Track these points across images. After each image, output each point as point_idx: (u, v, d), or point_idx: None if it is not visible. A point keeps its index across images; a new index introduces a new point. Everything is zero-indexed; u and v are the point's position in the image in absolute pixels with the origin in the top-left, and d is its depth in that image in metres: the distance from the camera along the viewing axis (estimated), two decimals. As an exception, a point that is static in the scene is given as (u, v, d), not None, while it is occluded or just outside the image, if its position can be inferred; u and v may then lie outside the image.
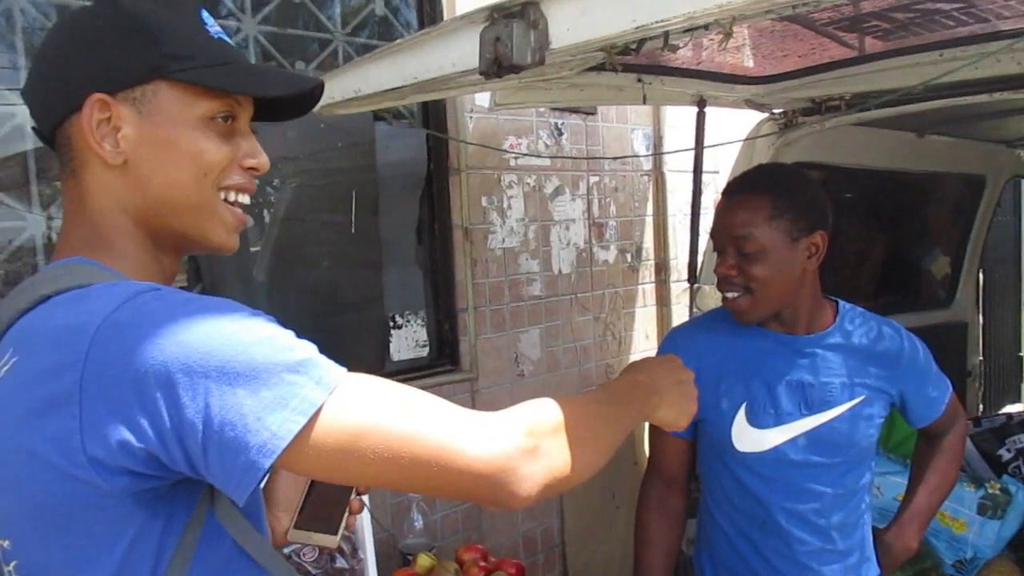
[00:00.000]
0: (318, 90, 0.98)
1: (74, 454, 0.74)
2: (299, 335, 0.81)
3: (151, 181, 0.88)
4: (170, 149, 0.88)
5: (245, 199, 0.96)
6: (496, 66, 1.24)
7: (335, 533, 1.08)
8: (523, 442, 0.84)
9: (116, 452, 0.74)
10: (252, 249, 2.58)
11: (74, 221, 0.91)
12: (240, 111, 0.93)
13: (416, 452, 0.79)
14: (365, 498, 1.16)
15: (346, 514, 1.09)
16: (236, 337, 0.75)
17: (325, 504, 1.09)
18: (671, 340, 1.86)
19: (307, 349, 0.79)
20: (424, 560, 2.24)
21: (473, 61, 1.31)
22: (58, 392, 0.74)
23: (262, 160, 0.95)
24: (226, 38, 0.95)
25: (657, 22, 1.11)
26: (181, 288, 0.97)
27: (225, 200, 0.93)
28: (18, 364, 0.79)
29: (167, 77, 0.87)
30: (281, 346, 0.77)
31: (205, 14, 0.94)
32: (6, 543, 0.81)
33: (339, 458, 0.77)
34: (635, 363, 1.20)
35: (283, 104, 0.97)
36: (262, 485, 0.91)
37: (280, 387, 0.74)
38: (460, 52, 1.36)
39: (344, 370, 0.80)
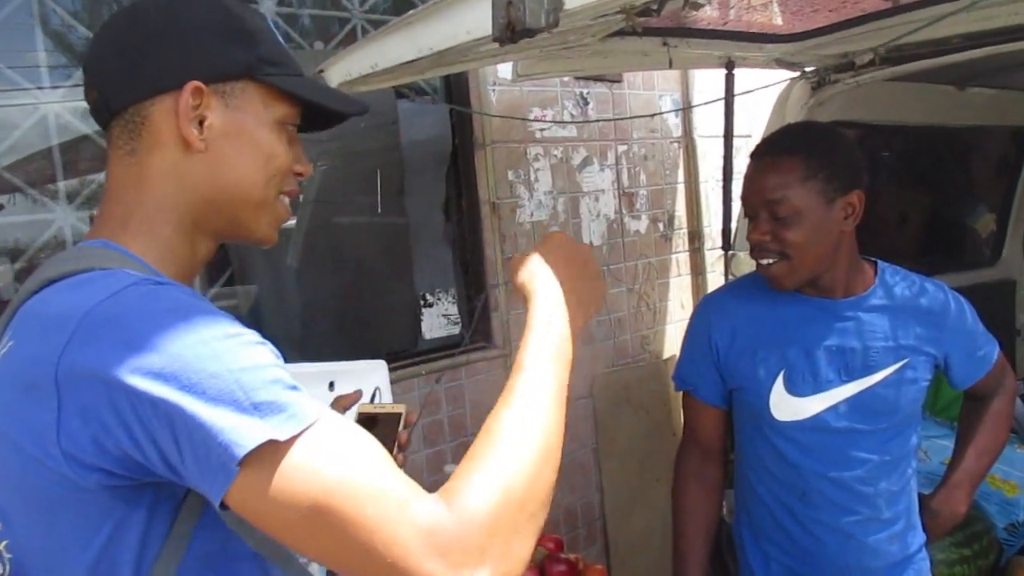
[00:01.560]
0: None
1: (49, 446, 0.74)
2: (317, 329, 0.77)
3: (226, 172, 0.91)
4: (250, 145, 0.92)
5: (287, 200, 1.00)
6: (510, 31, 1.19)
7: None
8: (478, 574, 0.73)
9: (90, 450, 0.73)
10: (295, 236, 2.58)
11: (117, 199, 0.92)
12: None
13: (359, 539, 0.71)
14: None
15: None
16: (200, 363, 0.72)
17: None
18: (703, 309, 1.82)
19: (274, 390, 0.73)
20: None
21: (487, 28, 1.27)
22: (37, 383, 0.74)
23: (308, 167, 1.00)
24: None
25: (674, -25, 1.06)
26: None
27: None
28: (12, 349, 0.79)
29: (258, 79, 0.92)
30: (243, 382, 0.72)
31: (270, 22, 0.97)
32: None
33: (285, 516, 0.72)
34: (540, 272, 1.02)
35: (317, 118, 1.01)
36: None
37: (222, 425, 0.70)
38: (474, 19, 1.32)
39: (317, 416, 0.74)
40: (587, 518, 3.14)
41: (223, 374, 0.72)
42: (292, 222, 2.62)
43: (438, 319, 2.77)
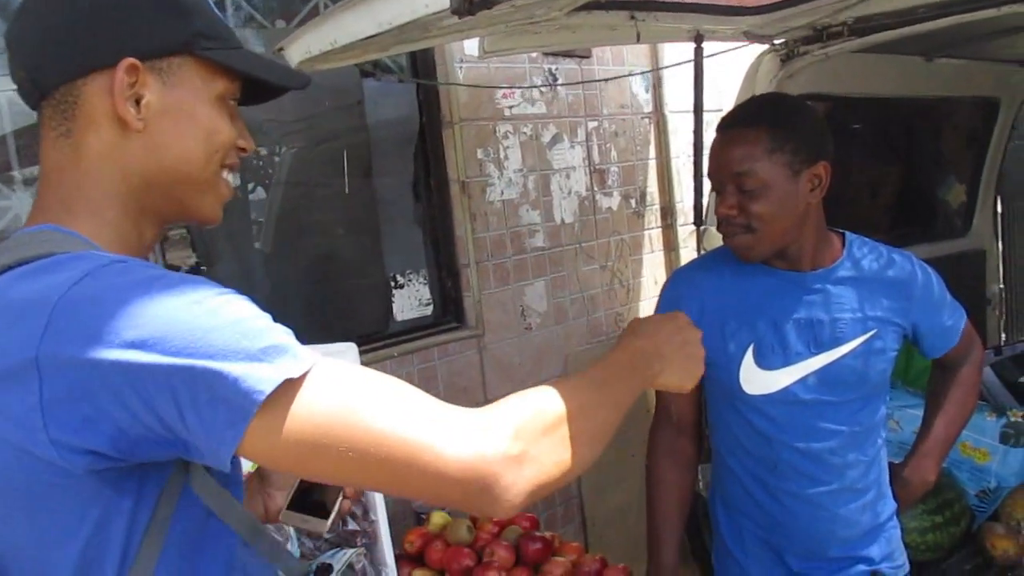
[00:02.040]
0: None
1: (35, 432, 0.72)
2: (287, 313, 0.78)
3: (166, 151, 0.88)
4: (189, 122, 0.89)
5: (232, 177, 0.97)
6: (468, 3, 1.18)
7: (327, 518, 1.06)
8: (509, 447, 0.78)
9: (80, 433, 0.72)
10: (259, 220, 2.56)
11: (55, 183, 0.88)
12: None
13: (388, 450, 0.74)
14: None
15: (340, 499, 1.07)
16: (197, 321, 0.72)
17: (321, 487, 1.06)
18: (673, 283, 1.81)
19: (275, 336, 0.75)
20: (438, 518, 2.23)
21: (445, 0, 1.25)
22: (16, 369, 0.72)
23: (251, 142, 0.97)
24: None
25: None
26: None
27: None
28: None
29: (195, 53, 0.88)
30: (243, 331, 0.73)
31: None
32: None
33: (303, 451, 0.74)
34: (639, 323, 1.13)
35: (259, 91, 0.98)
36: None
37: (237, 374, 0.71)
38: (432, -8, 1.30)
39: (317, 357, 0.76)
40: (564, 496, 3.15)
41: (223, 327, 0.72)
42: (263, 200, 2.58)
43: (409, 300, 2.75)
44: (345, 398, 0.75)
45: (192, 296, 0.74)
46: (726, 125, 1.60)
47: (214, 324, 0.72)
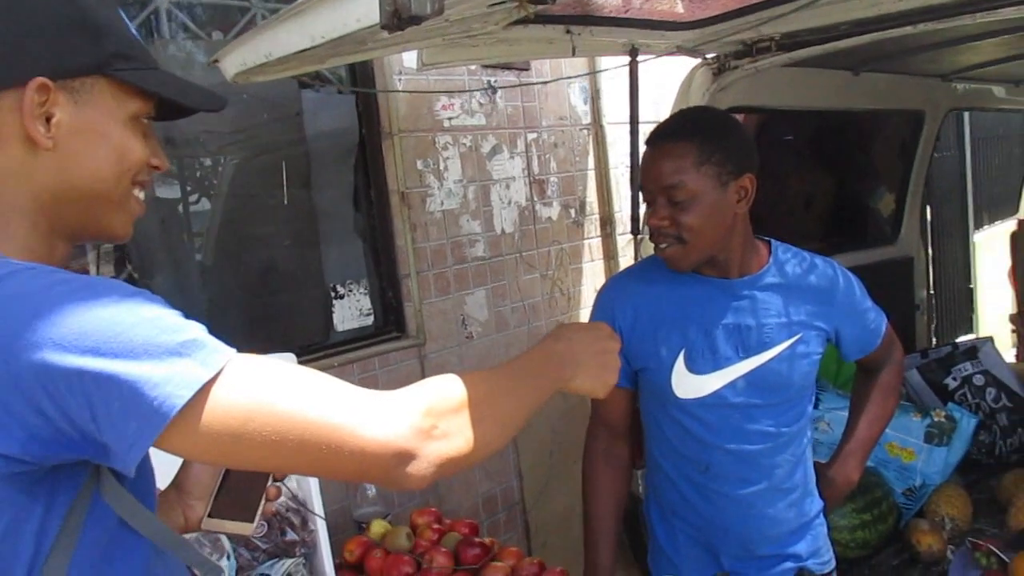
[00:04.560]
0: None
1: None
2: (226, 324, 0.79)
3: (75, 170, 0.88)
4: (100, 142, 0.89)
5: (142, 193, 0.97)
6: (396, 19, 1.20)
7: (251, 521, 1.06)
8: (420, 422, 0.84)
9: None
10: (196, 231, 2.53)
11: None
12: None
13: (306, 434, 0.78)
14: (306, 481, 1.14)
15: (263, 501, 1.07)
16: (115, 318, 0.74)
17: (241, 491, 1.06)
18: (608, 290, 1.85)
19: (193, 330, 0.77)
20: (378, 527, 2.23)
21: (376, 15, 1.26)
22: None
23: (164, 161, 0.98)
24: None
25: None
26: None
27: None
28: None
29: (109, 74, 0.88)
30: (163, 327, 0.75)
31: (122, 13, 0.95)
32: None
33: (225, 441, 0.76)
34: (559, 329, 1.17)
35: (175, 108, 0.98)
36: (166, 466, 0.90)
37: (160, 367, 0.73)
38: (363, 7, 1.31)
39: (233, 351, 0.79)
40: (506, 503, 3.17)
41: (143, 323, 0.74)
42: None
43: (350, 310, 2.75)
44: (262, 388, 0.78)
45: (107, 296, 0.75)
46: (655, 139, 1.65)
47: (133, 321, 0.74)
